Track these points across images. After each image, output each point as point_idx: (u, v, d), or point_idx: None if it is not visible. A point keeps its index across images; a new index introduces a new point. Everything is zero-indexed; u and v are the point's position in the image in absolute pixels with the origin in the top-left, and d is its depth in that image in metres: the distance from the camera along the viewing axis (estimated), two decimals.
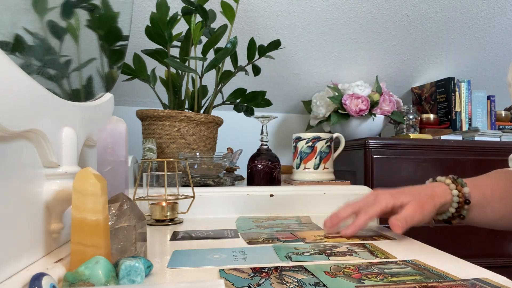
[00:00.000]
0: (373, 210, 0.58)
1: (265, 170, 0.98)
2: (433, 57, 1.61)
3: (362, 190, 0.88)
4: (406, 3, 1.37)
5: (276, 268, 0.42)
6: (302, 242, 0.55)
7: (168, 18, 0.97)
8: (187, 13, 0.99)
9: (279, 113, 1.70)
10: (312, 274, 0.40)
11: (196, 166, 0.92)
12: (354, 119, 1.42)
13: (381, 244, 0.54)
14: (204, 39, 1.06)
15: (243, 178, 1.10)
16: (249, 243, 0.55)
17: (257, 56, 1.07)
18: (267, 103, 1.14)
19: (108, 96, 0.66)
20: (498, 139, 1.41)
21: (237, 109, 1.16)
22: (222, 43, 1.08)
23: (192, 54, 1.04)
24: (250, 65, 1.09)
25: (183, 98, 1.09)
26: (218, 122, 1.06)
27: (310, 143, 0.99)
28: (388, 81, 1.65)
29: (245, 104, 1.14)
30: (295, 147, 1.01)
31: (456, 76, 1.60)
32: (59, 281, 0.35)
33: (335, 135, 1.04)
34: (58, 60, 0.53)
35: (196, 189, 0.80)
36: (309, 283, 0.37)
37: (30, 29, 0.46)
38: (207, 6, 1.02)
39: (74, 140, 0.45)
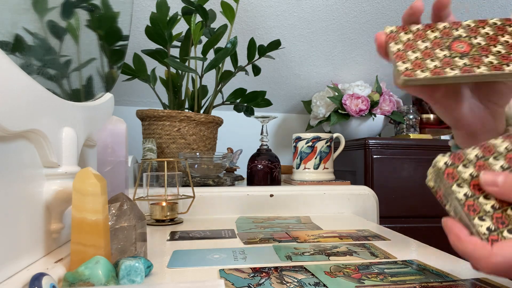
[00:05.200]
0: None
1: (265, 170, 0.98)
2: None
3: (362, 190, 0.88)
4: (406, 3, 1.37)
5: (276, 268, 0.42)
6: (295, 242, 0.55)
7: (168, 18, 0.97)
8: (187, 13, 0.99)
9: (279, 113, 1.70)
10: (312, 274, 0.40)
11: (196, 166, 0.92)
12: (354, 119, 1.42)
13: (381, 244, 0.54)
14: (204, 39, 1.06)
15: (243, 178, 1.10)
16: (245, 243, 0.55)
17: (257, 56, 1.07)
18: (267, 103, 1.14)
19: (108, 96, 0.66)
20: None
21: (237, 109, 1.16)
22: (222, 43, 1.08)
23: (192, 54, 1.04)
24: (250, 65, 1.09)
25: (183, 98, 1.09)
26: (218, 122, 1.06)
27: (310, 143, 0.99)
28: (388, 81, 1.65)
29: (245, 104, 1.14)
30: (295, 147, 1.01)
31: None
32: (59, 281, 0.35)
33: (335, 135, 1.04)
34: (58, 60, 0.53)
35: (196, 189, 0.80)
36: (309, 283, 0.37)
37: (30, 29, 0.46)
38: (207, 6, 1.02)
39: (74, 140, 0.45)
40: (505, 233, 0.28)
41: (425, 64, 0.35)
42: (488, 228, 0.28)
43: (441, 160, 0.31)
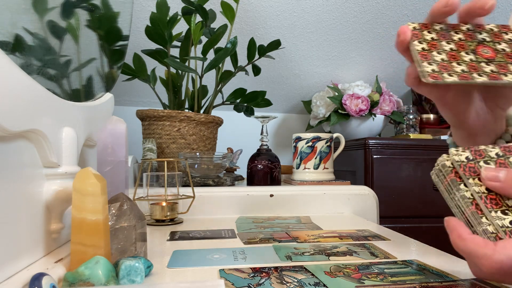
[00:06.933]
0: None
1: (265, 170, 0.98)
2: None
3: (362, 190, 0.88)
4: (406, 3, 1.37)
5: (276, 268, 0.42)
6: (295, 242, 0.55)
7: (168, 18, 0.97)
8: (187, 13, 0.99)
9: (279, 113, 1.70)
10: (312, 274, 0.40)
11: (196, 166, 0.92)
12: (354, 119, 1.42)
13: (381, 244, 0.54)
14: (204, 39, 1.06)
15: (243, 178, 1.10)
16: (245, 243, 0.55)
17: (257, 56, 1.07)
18: (267, 103, 1.14)
19: (108, 96, 0.66)
20: None
21: (237, 109, 1.16)
22: (222, 43, 1.08)
23: (192, 54, 1.04)
24: (250, 65, 1.09)
25: (183, 98, 1.09)
26: (218, 122, 1.06)
27: (310, 143, 0.99)
28: (388, 81, 1.65)
29: (245, 104, 1.14)
30: (295, 147, 1.01)
31: None
32: (59, 281, 0.35)
33: (335, 135, 1.04)
34: (58, 60, 0.53)
35: (196, 189, 0.80)
36: (309, 283, 0.37)
37: (30, 29, 0.46)
38: (207, 6, 1.02)
39: (74, 140, 0.45)
40: None
41: (452, 67, 0.35)
42: (511, 222, 0.29)
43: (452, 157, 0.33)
